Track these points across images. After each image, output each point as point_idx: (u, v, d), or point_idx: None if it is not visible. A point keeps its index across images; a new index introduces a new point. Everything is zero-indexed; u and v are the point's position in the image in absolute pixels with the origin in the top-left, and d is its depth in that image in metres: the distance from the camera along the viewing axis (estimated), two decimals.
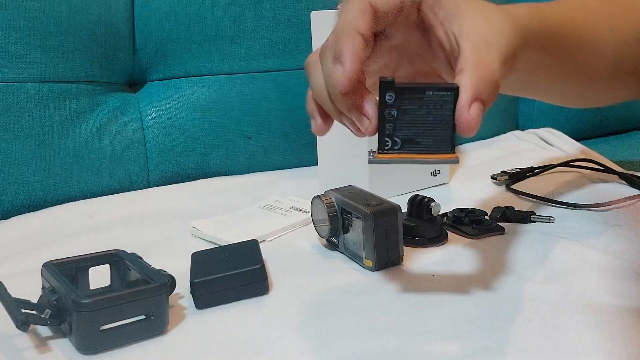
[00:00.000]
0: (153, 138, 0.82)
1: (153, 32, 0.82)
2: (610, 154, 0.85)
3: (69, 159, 0.76)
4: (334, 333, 0.43)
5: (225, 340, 0.43)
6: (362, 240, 0.51)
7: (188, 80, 0.84)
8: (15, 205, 0.74)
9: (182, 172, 0.83)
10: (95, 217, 0.70)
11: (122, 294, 0.42)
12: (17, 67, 0.72)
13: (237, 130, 0.85)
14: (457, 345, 0.41)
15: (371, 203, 0.52)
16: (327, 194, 0.55)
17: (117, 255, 0.49)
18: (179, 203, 0.74)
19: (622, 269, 0.50)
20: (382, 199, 0.53)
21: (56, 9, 0.74)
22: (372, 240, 0.51)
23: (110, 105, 0.80)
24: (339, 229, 0.55)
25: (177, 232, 0.64)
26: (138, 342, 0.43)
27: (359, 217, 0.51)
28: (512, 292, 0.47)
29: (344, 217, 0.54)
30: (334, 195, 0.55)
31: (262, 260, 0.50)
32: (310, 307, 0.47)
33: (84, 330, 0.41)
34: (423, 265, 0.53)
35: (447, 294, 0.47)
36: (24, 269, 0.56)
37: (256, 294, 0.49)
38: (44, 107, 0.74)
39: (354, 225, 0.52)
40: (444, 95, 0.39)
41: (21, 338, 0.44)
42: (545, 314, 0.44)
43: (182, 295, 0.49)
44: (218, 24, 0.83)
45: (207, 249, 0.52)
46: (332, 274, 0.52)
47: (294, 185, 0.79)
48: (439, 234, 0.58)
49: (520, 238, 0.58)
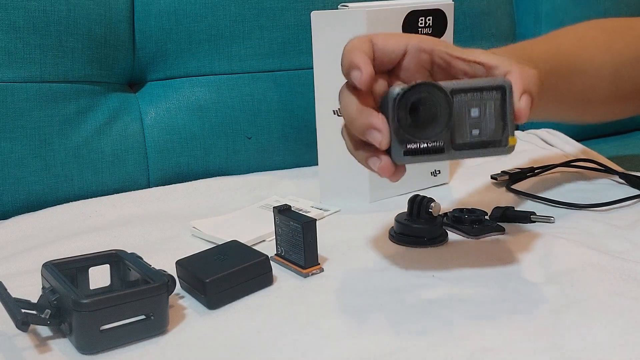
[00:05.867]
0: (153, 138, 0.82)
1: (153, 32, 0.81)
2: (611, 154, 0.85)
3: (69, 159, 0.76)
4: (333, 333, 0.43)
5: (225, 340, 0.43)
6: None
7: (188, 80, 0.84)
8: (15, 205, 0.73)
9: (182, 172, 0.83)
10: (95, 217, 0.70)
11: (122, 294, 0.42)
12: (17, 67, 0.72)
13: (237, 130, 0.85)
14: (457, 345, 0.41)
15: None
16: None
17: (117, 255, 0.49)
18: (179, 203, 0.74)
19: (622, 269, 0.50)
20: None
21: (56, 8, 0.74)
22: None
23: (110, 106, 0.80)
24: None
25: (177, 232, 0.64)
26: (138, 342, 0.43)
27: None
28: (512, 292, 0.47)
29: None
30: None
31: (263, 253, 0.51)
32: (310, 307, 0.47)
33: (84, 330, 0.41)
34: (423, 265, 0.53)
35: (447, 294, 0.47)
36: (24, 269, 0.56)
37: (263, 286, 0.50)
38: (44, 107, 0.74)
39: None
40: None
41: (21, 338, 0.44)
42: (545, 314, 0.44)
43: (182, 296, 0.49)
44: (218, 24, 0.83)
45: (189, 255, 0.52)
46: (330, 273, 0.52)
47: (294, 185, 0.79)
48: (439, 234, 0.58)
49: (520, 238, 0.58)
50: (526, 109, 0.44)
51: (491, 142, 0.44)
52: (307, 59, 0.86)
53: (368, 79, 0.43)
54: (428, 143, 0.43)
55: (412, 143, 0.43)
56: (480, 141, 0.44)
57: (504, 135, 0.44)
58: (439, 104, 0.42)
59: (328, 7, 0.84)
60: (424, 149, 0.44)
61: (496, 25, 1.02)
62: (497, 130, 0.44)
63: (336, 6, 0.69)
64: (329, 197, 0.71)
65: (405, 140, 0.43)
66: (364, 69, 0.43)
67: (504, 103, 0.44)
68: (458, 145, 0.44)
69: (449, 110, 0.42)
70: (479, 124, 0.44)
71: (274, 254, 0.55)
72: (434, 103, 0.43)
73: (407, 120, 0.43)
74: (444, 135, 0.43)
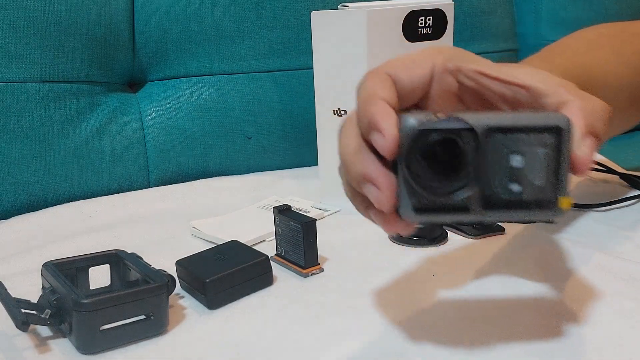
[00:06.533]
0: (153, 138, 0.82)
1: (153, 32, 0.81)
2: (611, 154, 0.85)
3: (69, 159, 0.76)
4: (333, 333, 0.43)
5: (225, 340, 0.43)
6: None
7: (188, 80, 0.84)
8: (15, 205, 0.73)
9: (182, 172, 0.83)
10: (95, 217, 0.70)
11: (122, 294, 0.42)
12: (17, 67, 0.72)
13: (237, 130, 0.85)
14: (457, 344, 0.41)
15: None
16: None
17: (117, 255, 0.49)
18: (179, 203, 0.74)
19: (622, 269, 0.50)
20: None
21: (56, 8, 0.74)
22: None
23: (110, 105, 0.80)
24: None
25: (177, 232, 0.64)
26: (138, 342, 0.43)
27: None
28: (512, 292, 0.47)
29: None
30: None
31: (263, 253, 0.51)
32: (310, 307, 0.47)
33: (84, 330, 0.41)
34: (423, 265, 0.53)
35: (447, 294, 0.47)
36: (24, 269, 0.56)
37: (263, 286, 0.50)
38: (44, 107, 0.74)
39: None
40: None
41: (21, 338, 0.44)
42: (545, 314, 0.44)
43: (182, 296, 0.49)
44: (218, 24, 0.83)
45: (189, 255, 0.52)
46: (330, 273, 0.52)
47: (294, 185, 0.79)
48: (439, 234, 0.58)
49: (520, 238, 0.58)
50: (589, 157, 0.33)
51: (536, 202, 0.32)
52: (307, 59, 0.86)
53: (393, 145, 0.32)
54: (444, 200, 0.32)
55: (425, 197, 0.33)
56: (520, 200, 0.32)
57: (555, 194, 0.32)
58: (467, 149, 0.31)
59: (328, 7, 0.84)
60: (442, 206, 0.32)
61: (496, 24, 1.02)
62: (545, 187, 0.32)
63: (336, 6, 0.69)
64: (329, 197, 0.71)
65: (416, 193, 0.32)
66: (388, 132, 0.32)
67: (558, 150, 0.32)
68: (490, 203, 0.32)
69: (479, 158, 0.31)
70: (520, 177, 0.32)
71: (274, 254, 0.55)
72: (459, 145, 0.31)
73: (421, 168, 0.32)
74: (471, 190, 0.32)
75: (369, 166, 0.33)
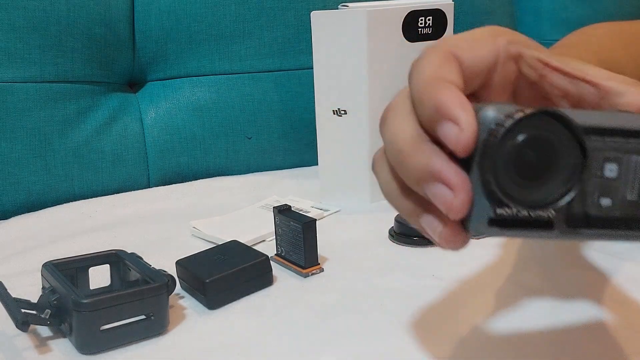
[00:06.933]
0: (153, 138, 0.82)
1: (153, 31, 0.81)
2: None
3: (69, 158, 0.76)
4: (333, 333, 0.43)
5: (225, 340, 0.43)
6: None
7: (188, 80, 0.84)
8: (15, 205, 0.73)
9: (182, 172, 0.83)
10: (95, 217, 0.70)
11: (122, 294, 0.42)
12: (17, 67, 0.72)
13: (237, 130, 0.85)
14: (457, 344, 0.41)
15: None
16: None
17: (117, 255, 0.49)
18: (179, 203, 0.74)
19: (621, 269, 0.50)
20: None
21: (56, 8, 0.74)
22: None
23: (110, 105, 0.80)
24: None
25: (177, 232, 0.64)
26: (138, 342, 0.42)
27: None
28: (512, 292, 0.47)
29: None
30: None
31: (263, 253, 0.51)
32: (310, 307, 0.47)
33: (84, 330, 0.41)
34: (423, 265, 0.53)
35: (447, 294, 0.47)
36: (24, 269, 0.56)
37: (263, 286, 0.50)
38: (44, 107, 0.74)
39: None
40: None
41: (21, 338, 0.44)
42: (545, 315, 0.44)
43: (182, 296, 0.49)
44: (218, 24, 0.83)
45: (189, 255, 0.52)
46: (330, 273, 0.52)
47: (294, 185, 0.79)
48: None
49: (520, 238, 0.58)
50: None
51: (625, 220, 0.27)
52: (307, 59, 0.86)
53: (471, 139, 0.26)
54: (531, 211, 0.27)
55: (508, 207, 0.27)
56: (610, 218, 0.27)
57: None
58: (564, 150, 0.26)
59: (328, 7, 0.84)
60: (522, 220, 0.27)
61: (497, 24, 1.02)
62: (638, 202, 0.27)
63: (336, 6, 0.69)
64: (329, 197, 0.71)
65: (497, 201, 0.26)
66: (466, 123, 0.26)
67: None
68: (575, 220, 0.27)
69: (581, 162, 0.26)
70: (613, 190, 0.27)
71: (274, 254, 0.55)
72: (555, 147, 0.26)
73: (507, 171, 0.26)
74: (566, 203, 0.26)
75: (438, 160, 0.26)
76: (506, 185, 0.26)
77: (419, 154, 0.27)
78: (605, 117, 0.27)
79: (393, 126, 0.29)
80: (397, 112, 0.29)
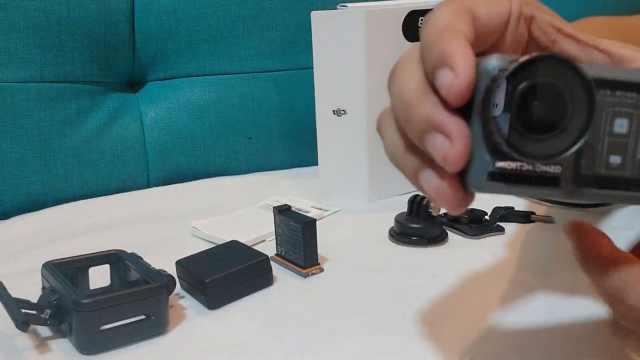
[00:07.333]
0: (153, 138, 0.82)
1: (153, 31, 0.81)
2: None
3: (69, 158, 0.76)
4: (333, 333, 0.43)
5: (225, 340, 0.43)
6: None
7: (188, 80, 0.84)
8: (15, 205, 0.73)
9: (182, 172, 0.83)
10: (95, 217, 0.70)
11: (122, 294, 0.42)
12: (17, 67, 0.72)
13: (237, 130, 0.85)
14: (457, 344, 0.41)
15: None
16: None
17: (117, 255, 0.49)
18: (179, 203, 0.74)
19: None
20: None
21: (56, 8, 0.74)
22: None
23: (110, 105, 0.80)
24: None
25: (177, 232, 0.64)
26: (138, 342, 0.43)
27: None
28: (512, 292, 0.47)
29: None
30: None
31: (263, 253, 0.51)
32: (310, 307, 0.47)
33: (84, 330, 0.41)
34: (423, 265, 0.53)
35: (447, 294, 0.47)
36: (24, 269, 0.56)
37: (263, 286, 0.50)
38: (44, 107, 0.74)
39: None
40: None
41: (21, 338, 0.44)
42: (545, 315, 0.44)
43: (182, 296, 0.49)
44: (218, 24, 0.83)
45: (189, 255, 0.52)
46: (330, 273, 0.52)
47: (294, 185, 0.79)
48: (438, 233, 0.58)
49: (520, 238, 0.58)
50: None
51: (637, 181, 0.26)
52: (307, 59, 0.86)
53: (465, 85, 0.25)
54: (536, 166, 0.26)
55: (510, 160, 0.25)
56: (620, 177, 0.26)
57: None
58: (574, 98, 0.24)
59: (328, 7, 0.84)
60: (525, 175, 0.26)
61: None
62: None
63: (336, 6, 0.69)
64: (328, 197, 0.71)
65: (499, 153, 0.25)
66: (461, 68, 0.25)
67: None
68: (583, 178, 0.26)
69: (589, 110, 0.24)
70: (623, 148, 0.26)
71: (274, 254, 0.55)
72: (564, 95, 0.24)
73: (508, 119, 0.24)
74: (568, 157, 0.25)
75: (439, 111, 0.26)
76: (507, 134, 0.24)
77: (423, 105, 0.26)
78: (618, 71, 0.25)
79: (400, 78, 0.28)
80: (405, 65, 0.29)
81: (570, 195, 0.26)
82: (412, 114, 0.27)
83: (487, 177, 0.26)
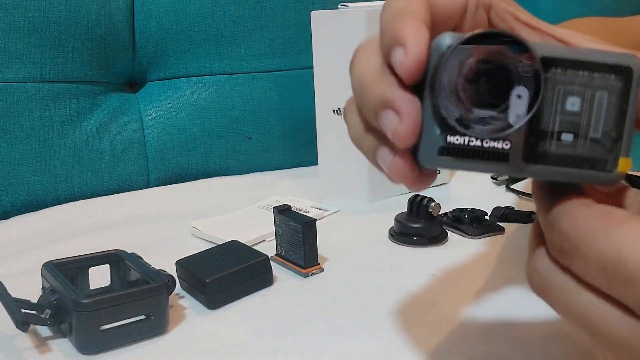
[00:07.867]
0: (153, 138, 0.82)
1: (153, 32, 0.82)
2: None
3: (69, 158, 0.76)
4: (333, 333, 0.43)
5: (226, 340, 0.43)
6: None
7: (188, 80, 0.84)
8: (15, 205, 0.74)
9: (182, 172, 0.83)
10: (95, 217, 0.70)
11: (122, 294, 0.42)
12: (17, 67, 0.72)
13: (237, 130, 0.85)
14: (457, 345, 0.41)
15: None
16: None
17: (117, 255, 0.49)
18: (179, 203, 0.74)
19: None
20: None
21: (56, 8, 0.74)
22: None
23: (110, 105, 0.80)
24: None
25: (177, 232, 0.64)
26: (138, 342, 0.43)
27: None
28: (512, 292, 0.47)
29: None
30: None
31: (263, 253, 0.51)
32: (310, 307, 0.47)
33: (84, 330, 0.41)
34: (423, 265, 0.53)
35: (447, 294, 0.47)
36: (24, 269, 0.56)
37: (263, 286, 0.50)
38: (44, 107, 0.74)
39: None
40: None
41: (21, 338, 0.44)
42: (545, 315, 0.44)
43: (182, 296, 0.49)
44: (218, 24, 0.83)
45: (189, 255, 0.52)
46: (330, 273, 0.52)
47: (294, 185, 0.79)
48: (439, 233, 0.58)
49: (520, 238, 0.58)
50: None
51: (589, 160, 0.26)
52: (307, 59, 0.86)
53: (415, 62, 0.26)
54: (485, 141, 0.26)
55: (459, 135, 0.26)
56: (571, 155, 0.26)
57: (614, 152, 0.26)
58: (521, 75, 0.25)
59: (328, 7, 0.84)
60: (474, 150, 0.26)
61: None
62: (603, 141, 0.26)
63: (336, 6, 0.69)
64: (328, 197, 0.71)
65: (448, 128, 0.26)
66: (412, 45, 0.26)
67: (625, 97, 0.25)
68: (533, 155, 0.26)
69: (536, 87, 0.25)
70: (574, 126, 0.26)
71: (274, 254, 0.55)
72: (512, 72, 0.25)
73: (456, 95, 0.25)
74: (518, 132, 0.25)
75: (389, 89, 0.27)
76: (455, 110, 0.25)
77: (378, 84, 0.27)
78: (571, 51, 0.26)
79: (359, 62, 0.30)
80: (365, 49, 0.30)
81: (519, 171, 0.26)
82: (368, 94, 0.28)
83: (438, 151, 0.26)
